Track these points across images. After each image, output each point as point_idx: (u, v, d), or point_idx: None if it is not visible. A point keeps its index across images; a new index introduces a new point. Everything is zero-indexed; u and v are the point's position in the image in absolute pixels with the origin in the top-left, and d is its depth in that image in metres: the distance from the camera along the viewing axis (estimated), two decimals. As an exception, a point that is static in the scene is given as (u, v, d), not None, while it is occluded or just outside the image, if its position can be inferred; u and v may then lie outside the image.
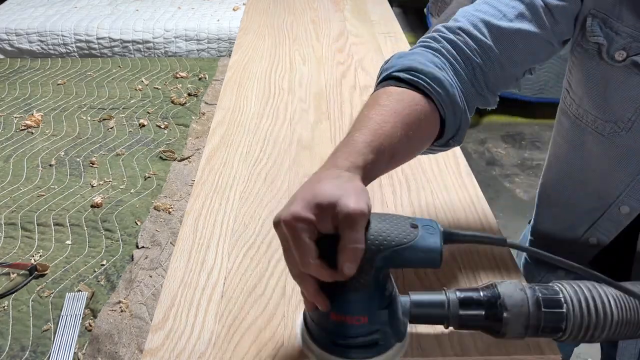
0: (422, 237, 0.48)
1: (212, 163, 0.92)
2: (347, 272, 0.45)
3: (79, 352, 0.98)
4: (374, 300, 0.50)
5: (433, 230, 0.49)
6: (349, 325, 0.50)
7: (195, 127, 1.71)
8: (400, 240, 0.48)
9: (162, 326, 0.62)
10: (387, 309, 0.50)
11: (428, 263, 0.48)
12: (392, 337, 0.51)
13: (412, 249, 0.47)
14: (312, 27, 1.54)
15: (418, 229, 0.49)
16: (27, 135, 1.68)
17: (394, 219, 0.49)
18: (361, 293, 0.49)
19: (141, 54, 2.70)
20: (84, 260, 1.19)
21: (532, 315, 0.48)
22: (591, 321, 0.49)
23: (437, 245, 0.48)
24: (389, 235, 0.48)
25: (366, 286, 0.48)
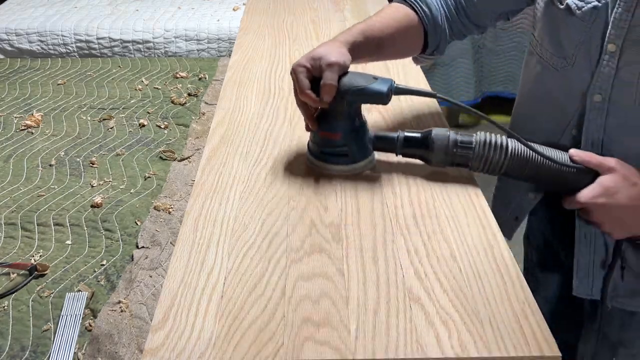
0: (376, 84, 0.78)
1: (212, 163, 0.92)
2: (325, 100, 0.76)
3: (79, 352, 0.98)
4: (346, 123, 0.81)
5: (386, 82, 0.78)
6: (329, 139, 0.83)
7: (195, 127, 1.71)
8: (361, 83, 0.78)
9: (162, 326, 0.62)
10: (355, 131, 0.82)
11: (377, 100, 0.78)
12: (359, 154, 0.84)
13: (367, 89, 0.77)
14: (312, 27, 1.54)
15: (377, 80, 0.78)
16: (27, 135, 1.68)
17: (364, 75, 0.79)
18: (337, 117, 0.81)
19: (141, 54, 2.70)
20: (84, 260, 1.19)
21: (450, 147, 0.77)
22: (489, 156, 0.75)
23: (383, 89, 0.77)
24: (355, 81, 0.78)
25: (341, 113, 0.80)
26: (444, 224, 0.77)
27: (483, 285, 0.66)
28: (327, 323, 0.62)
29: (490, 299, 0.65)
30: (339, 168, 0.85)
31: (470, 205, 0.81)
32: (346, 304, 0.64)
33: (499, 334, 0.60)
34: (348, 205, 0.81)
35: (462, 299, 0.64)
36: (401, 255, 0.71)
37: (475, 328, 0.61)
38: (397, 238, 0.74)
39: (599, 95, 0.78)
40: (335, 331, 0.61)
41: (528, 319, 0.62)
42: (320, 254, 0.72)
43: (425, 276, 0.68)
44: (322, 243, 0.73)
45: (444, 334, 0.60)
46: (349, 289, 0.66)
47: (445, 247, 0.72)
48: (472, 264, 0.70)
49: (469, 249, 0.72)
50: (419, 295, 0.65)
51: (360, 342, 0.59)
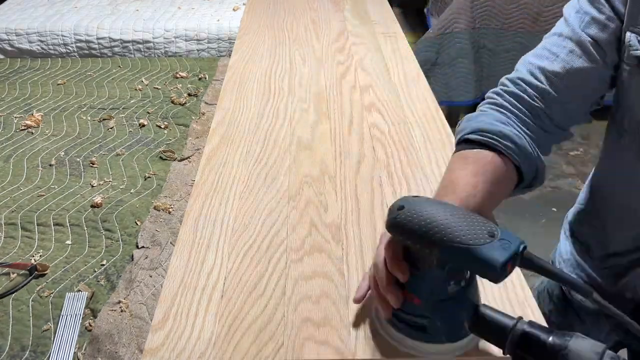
0: (488, 247, 0.48)
1: (212, 163, 0.92)
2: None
3: (79, 352, 0.98)
4: (431, 286, 0.54)
5: (507, 245, 0.48)
6: (406, 302, 0.55)
7: (195, 127, 1.71)
8: (464, 240, 0.49)
9: (162, 326, 0.62)
10: (444, 302, 0.54)
11: (485, 274, 0.49)
12: (443, 333, 0.55)
13: (472, 252, 0.48)
14: (312, 27, 1.55)
15: (494, 238, 0.49)
16: (27, 135, 1.68)
17: (471, 220, 0.51)
18: (421, 275, 0.54)
19: (141, 54, 2.70)
20: (84, 260, 1.19)
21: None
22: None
23: (499, 260, 0.47)
24: (455, 231, 0.49)
25: (425, 271, 0.54)
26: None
27: (483, 286, 0.66)
28: (327, 323, 0.62)
29: (490, 299, 0.65)
30: (415, 344, 0.58)
31: (470, 205, 0.80)
32: (346, 304, 0.64)
33: (499, 334, 0.60)
34: (348, 205, 0.81)
35: (462, 299, 0.64)
36: (401, 255, 0.71)
37: (475, 328, 0.61)
38: (397, 238, 0.74)
39: None
40: (335, 331, 0.61)
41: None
42: (320, 254, 0.72)
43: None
44: (322, 243, 0.73)
45: (444, 334, 0.60)
46: (349, 289, 0.66)
47: (445, 247, 0.72)
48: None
49: (469, 249, 0.72)
50: (419, 295, 0.65)
51: (360, 342, 0.59)
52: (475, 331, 0.54)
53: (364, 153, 0.94)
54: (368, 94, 1.14)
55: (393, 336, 0.59)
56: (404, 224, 0.52)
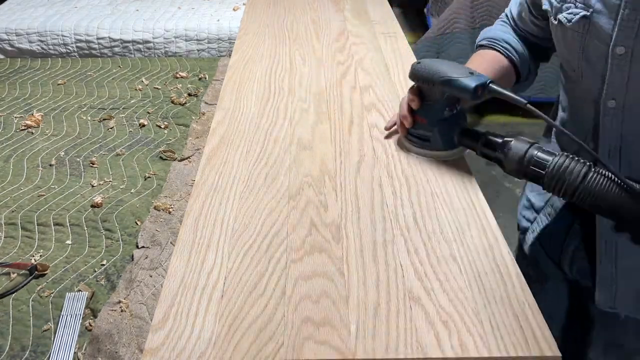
0: (467, 78, 0.79)
1: (212, 163, 0.92)
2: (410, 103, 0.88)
3: (79, 352, 0.98)
4: (434, 111, 0.87)
5: (479, 78, 0.79)
6: (416, 121, 0.89)
7: (195, 127, 1.71)
8: (451, 75, 0.81)
9: (162, 326, 0.62)
10: (442, 121, 0.87)
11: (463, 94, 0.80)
12: (442, 143, 0.89)
13: (455, 82, 0.80)
14: (312, 27, 1.55)
15: (472, 75, 0.80)
16: (27, 135, 1.68)
17: (461, 68, 0.82)
18: (428, 104, 0.87)
19: (141, 54, 2.70)
20: (84, 260, 1.19)
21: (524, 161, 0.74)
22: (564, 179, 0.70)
23: (471, 85, 0.78)
24: (448, 71, 0.82)
25: (432, 100, 0.86)
26: (444, 224, 0.77)
27: (483, 285, 0.66)
28: (327, 323, 0.62)
29: (490, 299, 0.65)
30: (420, 151, 0.91)
31: (470, 205, 0.81)
32: (346, 304, 0.64)
33: (499, 334, 0.60)
34: (348, 205, 0.81)
35: (462, 299, 0.64)
36: (401, 255, 0.71)
37: (475, 328, 0.61)
38: (397, 238, 0.74)
39: (613, 100, 0.75)
40: (335, 331, 0.61)
41: (528, 319, 0.62)
42: (320, 254, 0.72)
43: (425, 276, 0.68)
44: (322, 243, 0.74)
45: (444, 334, 0.60)
46: (349, 288, 0.66)
47: (445, 247, 0.72)
48: (472, 264, 0.70)
49: (469, 249, 0.72)
50: (419, 295, 0.65)
51: (360, 342, 0.60)
52: (460, 143, 0.88)
53: (364, 153, 0.94)
54: (368, 94, 1.14)
55: (410, 149, 0.92)
56: (419, 71, 0.85)
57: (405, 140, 0.93)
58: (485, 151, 0.82)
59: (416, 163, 0.91)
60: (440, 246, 0.73)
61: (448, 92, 0.83)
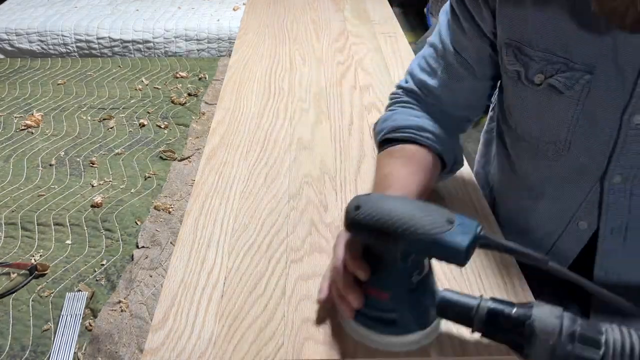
0: (451, 234, 0.49)
1: (212, 163, 0.92)
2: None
3: (79, 351, 0.98)
4: (397, 280, 0.54)
5: (467, 229, 0.50)
6: (372, 298, 0.56)
7: (195, 127, 1.71)
8: (427, 230, 0.49)
9: (162, 326, 0.62)
10: (411, 293, 0.54)
11: (451, 259, 0.50)
12: (414, 323, 0.56)
13: (438, 241, 0.49)
14: (312, 27, 1.55)
15: (453, 224, 0.50)
16: (27, 135, 1.68)
17: (433, 210, 0.51)
18: (385, 270, 0.54)
19: (141, 53, 2.70)
20: (84, 260, 1.19)
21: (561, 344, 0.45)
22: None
23: (463, 244, 0.49)
24: (417, 223, 0.50)
25: (390, 266, 0.54)
26: (444, 223, 0.77)
27: (483, 286, 0.66)
28: (327, 323, 0.62)
29: (490, 298, 0.64)
30: (385, 340, 0.58)
31: (470, 205, 0.81)
32: (346, 304, 0.64)
33: (499, 334, 0.60)
34: (348, 205, 0.81)
35: (462, 299, 0.64)
36: (401, 255, 0.71)
37: (475, 328, 0.61)
38: (397, 238, 0.74)
39: (619, 175, 0.64)
40: (335, 331, 0.61)
41: (528, 319, 0.62)
42: (320, 254, 0.72)
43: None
44: (322, 243, 0.74)
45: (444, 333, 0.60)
46: (349, 288, 0.66)
47: (445, 247, 0.72)
48: (472, 264, 0.70)
49: (469, 248, 0.72)
50: (419, 295, 0.65)
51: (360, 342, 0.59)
52: (442, 315, 0.55)
53: (364, 153, 0.94)
54: (368, 94, 1.14)
55: (367, 337, 0.58)
56: (366, 222, 0.52)
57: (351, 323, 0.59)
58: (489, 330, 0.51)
59: (416, 163, 0.90)
60: (440, 246, 0.72)
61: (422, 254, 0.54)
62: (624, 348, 0.44)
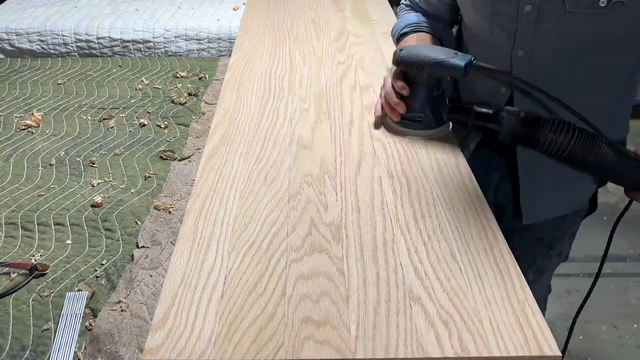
0: (455, 58, 0.85)
1: (212, 162, 0.92)
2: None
3: (79, 351, 0.98)
4: (424, 93, 0.93)
5: (465, 58, 0.85)
6: (408, 105, 0.95)
7: (196, 126, 1.71)
8: (440, 57, 0.87)
9: (162, 325, 0.62)
10: (432, 101, 0.94)
11: (454, 73, 0.87)
12: (434, 121, 0.96)
13: (445, 63, 0.86)
14: (312, 27, 1.55)
15: (457, 55, 0.86)
16: (27, 134, 1.68)
17: (445, 50, 0.89)
18: (417, 88, 0.93)
19: (141, 53, 2.70)
20: (84, 259, 1.19)
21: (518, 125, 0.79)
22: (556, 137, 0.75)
23: (461, 64, 0.85)
24: (436, 54, 0.88)
25: (420, 83, 0.92)
26: (444, 224, 0.77)
27: (483, 285, 0.66)
28: (327, 322, 0.62)
29: (490, 299, 0.65)
30: (415, 132, 0.96)
31: (470, 205, 0.81)
32: (346, 304, 0.64)
33: (499, 334, 0.60)
34: (348, 205, 0.81)
35: (462, 299, 0.64)
36: (401, 255, 0.71)
37: (475, 328, 0.61)
38: (397, 238, 0.74)
39: (522, 51, 0.90)
40: (335, 330, 0.61)
41: (528, 319, 0.62)
42: (320, 254, 0.72)
43: (426, 276, 0.68)
44: (322, 242, 0.74)
45: (444, 333, 0.60)
46: (349, 288, 0.66)
47: (445, 247, 0.72)
48: (472, 264, 0.70)
49: (469, 249, 0.72)
50: (419, 295, 0.65)
51: (360, 341, 0.60)
52: (450, 119, 0.95)
53: (364, 153, 0.94)
54: (368, 93, 1.15)
55: (405, 132, 0.97)
56: (407, 57, 0.90)
57: (397, 125, 0.98)
58: (477, 123, 0.87)
59: (416, 162, 0.91)
60: (440, 245, 0.73)
61: (439, 73, 0.89)
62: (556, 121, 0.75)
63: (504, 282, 0.67)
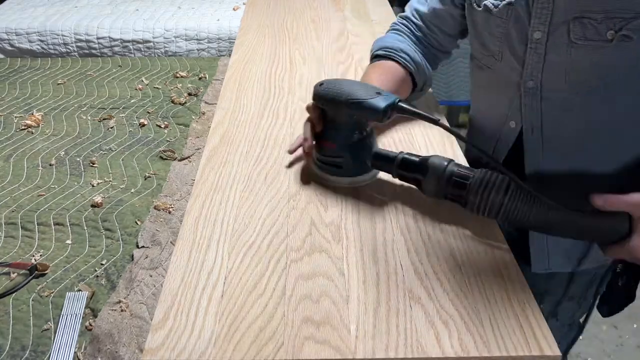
0: (376, 99, 0.75)
1: (212, 162, 0.92)
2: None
3: (79, 351, 0.98)
4: (343, 134, 0.80)
5: (387, 99, 0.75)
6: (325, 148, 0.83)
7: (196, 126, 1.71)
8: (359, 96, 0.76)
9: (162, 325, 0.62)
10: (353, 145, 0.80)
11: (372, 116, 0.75)
12: (354, 169, 0.82)
13: (364, 103, 0.75)
14: (312, 27, 1.55)
15: (380, 95, 0.76)
16: (27, 134, 1.68)
17: (368, 88, 0.78)
18: (335, 127, 0.81)
19: (141, 53, 2.70)
20: (84, 259, 1.19)
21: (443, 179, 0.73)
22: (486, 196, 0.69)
23: (380, 105, 0.74)
24: (355, 93, 0.76)
25: (339, 123, 0.80)
26: (444, 223, 0.77)
27: (483, 285, 0.66)
28: (327, 322, 0.62)
29: (490, 299, 0.65)
30: (333, 179, 0.84)
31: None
32: (346, 304, 0.64)
33: (499, 334, 0.60)
34: (348, 205, 0.81)
35: (462, 299, 0.64)
36: (401, 255, 0.71)
37: (476, 328, 0.61)
38: (397, 238, 0.74)
39: (531, 81, 0.83)
40: (335, 331, 0.61)
41: (528, 319, 0.62)
42: (320, 254, 0.72)
43: (426, 276, 0.68)
44: (322, 242, 0.74)
45: (444, 333, 0.60)
46: (349, 288, 0.66)
47: (446, 247, 0.72)
48: (472, 264, 0.70)
49: (469, 248, 0.72)
50: (419, 295, 0.65)
51: (360, 341, 0.60)
52: (374, 166, 0.82)
53: (364, 153, 0.94)
54: (368, 93, 1.14)
55: (323, 177, 0.85)
56: (324, 93, 0.79)
57: (314, 167, 0.87)
58: (402, 173, 0.78)
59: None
60: (440, 245, 0.73)
61: (356, 114, 0.77)
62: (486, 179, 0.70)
63: (504, 282, 0.67)
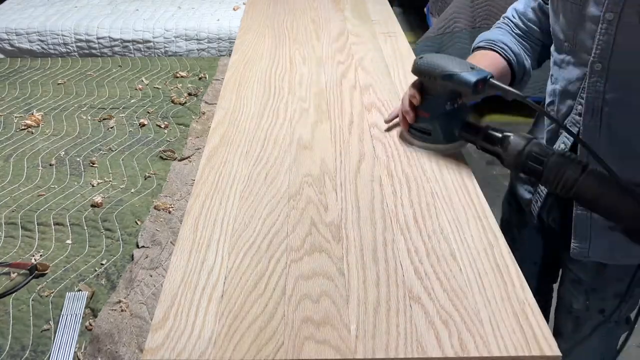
0: (468, 73, 0.83)
1: (212, 162, 0.92)
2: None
3: (79, 351, 0.98)
4: (435, 105, 0.90)
5: (479, 73, 0.82)
6: (420, 117, 0.92)
7: (196, 126, 1.71)
8: (452, 70, 0.84)
9: (162, 325, 0.62)
10: (443, 115, 0.90)
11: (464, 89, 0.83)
12: (443, 137, 0.92)
13: (456, 76, 0.83)
14: (312, 27, 1.55)
15: (472, 70, 0.83)
16: (27, 134, 1.68)
17: (462, 63, 0.86)
18: (430, 99, 0.90)
19: (141, 53, 2.70)
20: (84, 259, 1.19)
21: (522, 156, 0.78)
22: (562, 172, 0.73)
23: (472, 79, 0.82)
24: (449, 66, 0.85)
25: (433, 94, 0.89)
26: (444, 224, 0.77)
27: (483, 285, 0.66)
28: (327, 322, 0.62)
29: (490, 299, 0.65)
30: (423, 145, 0.94)
31: (470, 205, 0.81)
32: (346, 304, 0.64)
33: (499, 334, 0.60)
34: (348, 205, 0.81)
35: (462, 299, 0.64)
36: (401, 255, 0.71)
37: (476, 328, 0.61)
38: (397, 238, 0.74)
39: (599, 63, 0.83)
40: (335, 330, 0.61)
41: (528, 319, 0.62)
42: (321, 254, 0.72)
43: (426, 276, 0.68)
44: (322, 242, 0.74)
45: (444, 333, 0.60)
46: (349, 288, 0.66)
47: (445, 247, 0.72)
48: (472, 264, 0.70)
49: (469, 248, 0.72)
50: (419, 295, 0.65)
51: (360, 341, 0.60)
52: (461, 136, 0.90)
53: (364, 153, 0.94)
54: (368, 93, 1.15)
55: (411, 142, 0.95)
56: (422, 66, 0.88)
57: (407, 134, 0.96)
58: (485, 145, 0.85)
59: (416, 162, 0.91)
60: (440, 245, 0.73)
61: (449, 86, 0.85)
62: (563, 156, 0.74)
63: (504, 282, 0.67)
